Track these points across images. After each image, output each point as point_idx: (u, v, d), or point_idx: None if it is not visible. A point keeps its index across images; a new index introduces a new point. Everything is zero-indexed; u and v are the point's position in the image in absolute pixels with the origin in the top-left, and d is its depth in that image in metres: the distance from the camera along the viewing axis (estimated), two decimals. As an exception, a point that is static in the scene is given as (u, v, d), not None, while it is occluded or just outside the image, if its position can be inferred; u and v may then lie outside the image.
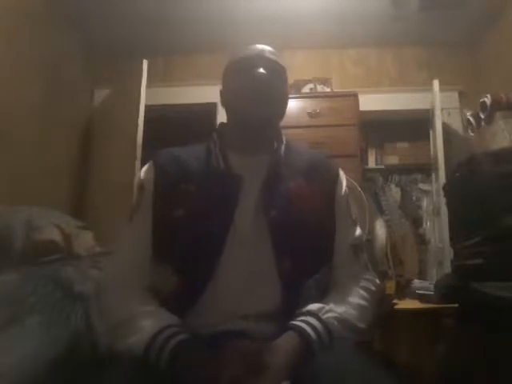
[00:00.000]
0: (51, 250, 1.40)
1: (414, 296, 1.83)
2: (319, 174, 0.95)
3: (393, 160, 3.15)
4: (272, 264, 0.84)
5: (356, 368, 0.69)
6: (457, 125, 2.81)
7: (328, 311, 0.80)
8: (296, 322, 0.77)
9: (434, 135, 2.61)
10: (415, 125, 2.87)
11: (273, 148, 0.97)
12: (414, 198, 3.10)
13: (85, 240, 1.59)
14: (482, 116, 2.06)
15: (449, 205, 1.46)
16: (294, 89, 2.81)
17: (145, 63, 2.52)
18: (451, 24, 2.73)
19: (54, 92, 2.59)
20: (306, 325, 0.76)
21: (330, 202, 0.94)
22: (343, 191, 0.97)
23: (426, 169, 2.93)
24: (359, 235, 0.96)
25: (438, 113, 2.58)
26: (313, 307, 0.80)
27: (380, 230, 2.41)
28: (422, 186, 3.08)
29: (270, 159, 0.94)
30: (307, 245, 0.87)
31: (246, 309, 0.83)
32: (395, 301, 1.78)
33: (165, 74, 3.11)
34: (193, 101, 3.05)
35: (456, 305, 1.30)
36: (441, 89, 2.62)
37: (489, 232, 1.13)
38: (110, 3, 2.58)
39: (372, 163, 3.20)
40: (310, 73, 2.94)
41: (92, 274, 1.31)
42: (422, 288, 1.83)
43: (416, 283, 1.95)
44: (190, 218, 0.85)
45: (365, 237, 1.03)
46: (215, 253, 0.84)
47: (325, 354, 0.73)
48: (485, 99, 2.02)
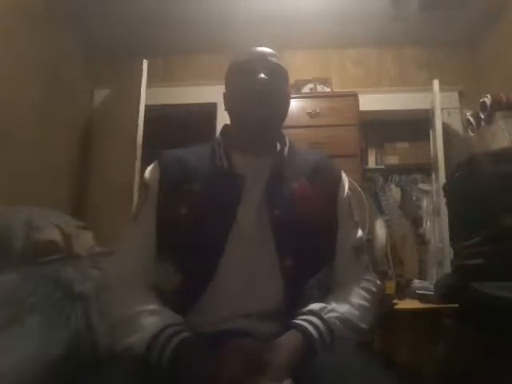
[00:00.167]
0: (51, 250, 1.40)
1: (414, 296, 1.83)
2: (322, 176, 0.96)
3: (393, 160, 3.15)
4: (275, 263, 0.85)
5: (357, 368, 0.69)
6: (457, 125, 2.81)
7: (330, 311, 0.81)
8: (298, 321, 0.78)
9: (434, 135, 2.61)
10: (415, 125, 2.87)
11: (276, 149, 0.98)
12: (414, 198, 3.10)
13: (85, 240, 1.59)
14: (482, 116, 2.06)
15: (449, 205, 1.46)
16: (294, 89, 2.81)
17: (145, 63, 2.52)
18: (451, 24, 2.73)
19: (54, 92, 2.59)
20: (309, 324, 0.77)
21: (333, 204, 0.95)
22: (345, 193, 0.98)
23: (426, 169, 2.93)
24: (360, 237, 0.98)
25: (438, 113, 2.58)
26: (315, 307, 0.81)
27: (380, 230, 2.41)
28: (422, 186, 3.08)
29: (274, 160, 0.95)
30: (309, 245, 0.87)
31: (248, 308, 0.83)
32: (395, 301, 1.78)
33: (165, 74, 3.11)
34: (193, 101, 3.06)
35: (456, 305, 1.30)
36: (441, 89, 2.62)
37: (489, 232, 1.13)
38: (110, 3, 2.58)
39: (372, 163, 3.20)
40: (310, 73, 2.94)
41: (92, 274, 1.31)
42: (422, 288, 1.83)
43: (416, 283, 1.95)
44: (194, 217, 0.86)
45: (365, 237, 1.04)
46: (217, 252, 0.84)
47: (326, 354, 0.73)
48: (485, 99, 2.03)
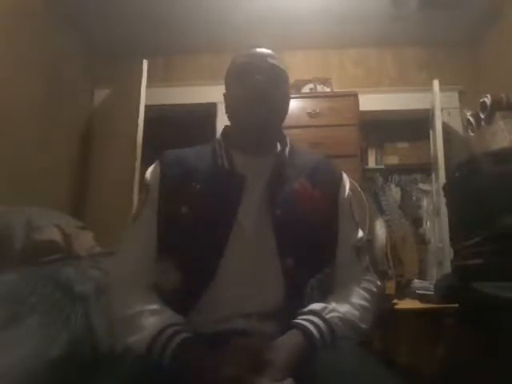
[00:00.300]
0: (51, 250, 1.40)
1: (414, 296, 1.82)
2: (323, 177, 0.97)
3: (393, 160, 3.15)
4: (276, 263, 0.85)
5: (358, 368, 0.70)
6: (457, 125, 2.81)
7: (331, 311, 0.81)
8: (299, 321, 0.78)
9: (434, 135, 2.61)
10: (415, 125, 2.87)
11: (276, 150, 0.98)
12: (414, 198, 3.10)
13: (85, 240, 1.59)
14: (482, 116, 2.06)
15: (449, 205, 1.46)
16: (294, 89, 2.81)
17: (145, 63, 2.52)
18: (451, 24, 2.73)
19: (54, 92, 2.59)
20: (310, 323, 0.77)
21: (334, 204, 0.95)
22: (346, 194, 0.98)
23: (426, 169, 2.93)
24: (361, 237, 0.98)
25: (438, 113, 2.58)
26: (316, 306, 0.81)
27: (380, 230, 2.41)
28: (422, 186, 3.08)
29: (275, 160, 0.95)
30: (310, 245, 0.88)
31: (249, 308, 0.83)
32: (395, 301, 1.78)
33: (165, 74, 3.11)
34: (193, 101, 3.06)
35: (456, 305, 1.30)
36: (441, 89, 2.62)
37: (489, 232, 1.13)
38: (110, 3, 2.58)
39: (372, 163, 3.20)
40: (310, 73, 2.94)
41: (92, 274, 1.32)
42: (422, 288, 1.83)
43: (416, 283, 1.95)
44: (194, 217, 0.86)
45: (366, 238, 1.04)
46: (218, 251, 0.84)
47: (327, 353, 0.73)
48: (485, 99, 2.03)
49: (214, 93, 1.13)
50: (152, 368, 0.72)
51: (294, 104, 2.61)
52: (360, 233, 0.98)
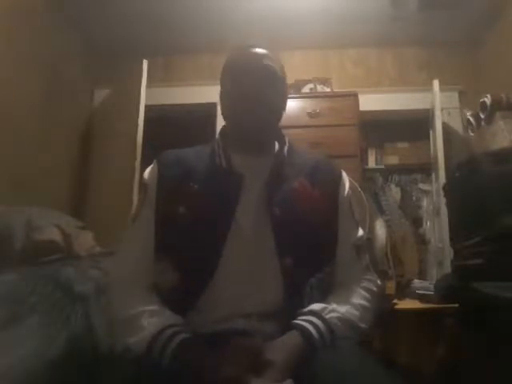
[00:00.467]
0: (51, 250, 1.40)
1: (414, 296, 1.82)
2: (322, 175, 0.96)
3: (393, 160, 3.15)
4: (275, 262, 0.84)
5: (357, 368, 0.69)
6: (457, 125, 2.81)
7: (331, 311, 0.81)
8: (299, 321, 0.78)
9: (434, 135, 2.61)
10: (415, 125, 2.87)
11: (274, 149, 0.98)
12: (414, 198, 3.10)
13: (85, 240, 1.59)
14: (482, 116, 2.06)
15: (449, 205, 1.46)
16: (294, 89, 2.81)
17: (145, 63, 2.52)
18: (451, 24, 2.74)
19: (54, 92, 2.59)
20: (309, 324, 0.77)
21: (333, 203, 0.95)
22: (346, 192, 0.98)
23: (426, 169, 2.93)
24: (361, 236, 0.97)
25: (438, 113, 2.58)
26: (316, 307, 0.81)
27: (380, 230, 2.41)
28: (422, 186, 3.08)
29: (274, 160, 0.95)
30: (310, 244, 0.87)
31: (248, 308, 0.83)
32: (395, 301, 1.78)
33: (165, 74, 3.11)
34: (193, 101, 3.06)
35: (456, 305, 1.30)
36: (441, 89, 2.62)
37: (489, 232, 1.13)
38: (110, 3, 2.58)
39: (372, 163, 3.20)
40: (310, 73, 2.94)
41: (92, 274, 1.31)
42: (422, 288, 1.83)
43: (416, 283, 1.95)
44: (192, 216, 0.86)
45: (366, 237, 1.03)
46: (216, 251, 0.84)
47: (327, 354, 0.73)
48: (485, 99, 2.03)
49: (214, 93, 1.13)
50: (152, 368, 0.72)
51: (294, 104, 2.62)
52: (360, 231, 0.97)
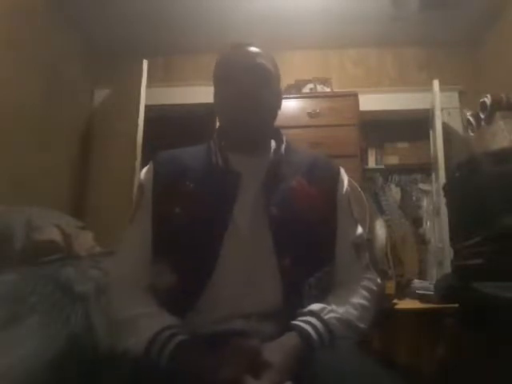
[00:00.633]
0: (51, 250, 1.40)
1: (414, 296, 1.82)
2: (320, 173, 0.95)
3: (393, 160, 3.15)
4: (273, 262, 0.84)
5: (357, 368, 0.69)
6: (457, 125, 2.81)
7: (330, 311, 0.80)
8: (297, 322, 0.77)
9: (434, 135, 2.61)
10: (415, 125, 2.87)
11: (271, 148, 0.98)
12: (414, 198, 3.10)
13: (85, 240, 1.59)
14: (482, 116, 2.06)
15: (449, 205, 1.46)
16: (294, 89, 2.81)
17: (145, 63, 2.52)
18: (451, 24, 2.74)
19: (54, 92, 2.59)
20: (308, 325, 0.76)
21: (332, 201, 0.94)
22: (344, 190, 0.97)
23: (426, 169, 2.93)
24: (361, 234, 0.96)
25: (438, 113, 2.58)
26: (314, 307, 0.80)
27: (380, 230, 2.41)
28: (422, 186, 3.08)
29: (272, 158, 0.94)
30: (308, 243, 0.86)
31: (247, 308, 0.82)
32: (395, 301, 1.77)
33: (165, 74, 3.11)
34: (193, 101, 3.05)
35: (456, 305, 1.30)
36: (441, 89, 2.62)
37: (489, 232, 1.13)
38: (110, 3, 2.58)
39: (372, 163, 3.20)
40: (310, 73, 2.94)
41: (92, 274, 1.31)
42: (422, 288, 1.83)
43: (416, 283, 1.94)
44: (189, 216, 0.86)
45: (366, 236, 1.03)
46: (214, 251, 0.83)
47: (326, 354, 0.72)
48: (485, 99, 2.03)
49: (214, 93, 1.12)
50: (151, 369, 0.72)
51: (294, 104, 2.62)
52: (359, 229, 0.96)
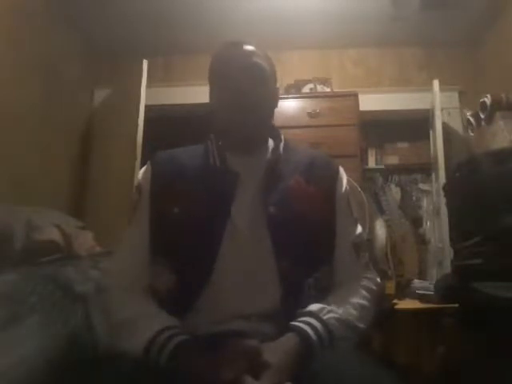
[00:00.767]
0: (51, 250, 1.40)
1: (414, 296, 1.82)
2: (319, 172, 0.94)
3: (393, 160, 3.15)
4: (271, 262, 0.83)
5: (357, 368, 0.69)
6: (457, 125, 2.81)
7: (329, 312, 0.80)
8: (296, 323, 0.77)
9: (434, 135, 2.61)
10: (415, 125, 2.87)
11: (269, 147, 0.97)
12: (414, 198, 3.10)
13: (85, 240, 1.59)
14: (482, 116, 2.06)
15: (449, 205, 1.46)
16: (294, 89, 2.81)
17: (145, 63, 2.52)
18: (451, 24, 2.73)
19: (54, 92, 2.59)
20: (307, 325, 0.76)
21: (331, 200, 0.93)
22: (344, 189, 0.96)
23: (426, 169, 2.93)
24: (360, 233, 0.95)
25: (438, 113, 2.58)
26: (314, 308, 0.79)
27: (380, 230, 2.41)
28: (422, 186, 3.08)
29: (270, 157, 0.93)
30: (307, 243, 0.86)
31: (246, 308, 0.82)
32: (395, 301, 1.78)
33: (165, 74, 3.11)
34: (193, 101, 3.04)
35: (456, 305, 1.30)
36: (441, 89, 2.62)
37: (489, 232, 1.13)
38: (110, 3, 2.58)
39: (372, 163, 3.19)
40: (310, 73, 2.94)
41: (92, 274, 1.31)
42: (422, 288, 1.83)
43: (416, 283, 1.95)
44: (187, 216, 0.85)
45: (365, 236, 1.02)
46: (213, 251, 0.83)
47: (326, 355, 0.72)
48: (485, 99, 2.03)
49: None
50: (150, 370, 0.72)
51: (294, 104, 2.62)
52: (359, 229, 0.95)
